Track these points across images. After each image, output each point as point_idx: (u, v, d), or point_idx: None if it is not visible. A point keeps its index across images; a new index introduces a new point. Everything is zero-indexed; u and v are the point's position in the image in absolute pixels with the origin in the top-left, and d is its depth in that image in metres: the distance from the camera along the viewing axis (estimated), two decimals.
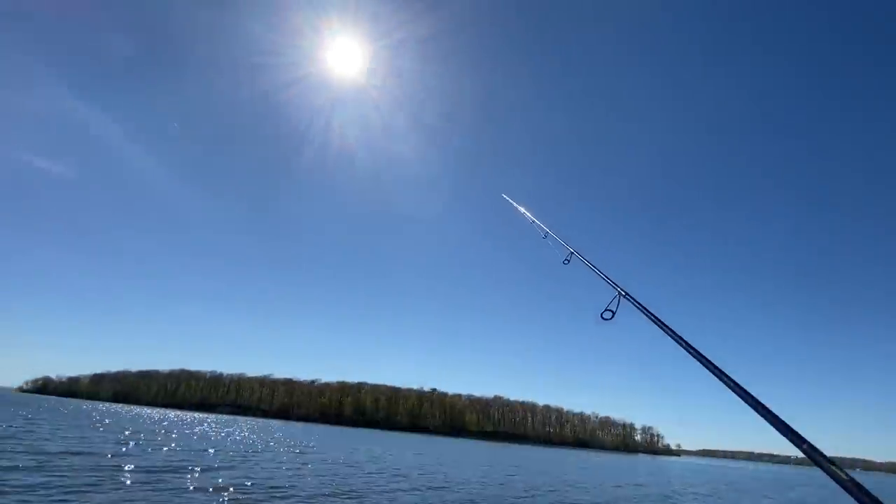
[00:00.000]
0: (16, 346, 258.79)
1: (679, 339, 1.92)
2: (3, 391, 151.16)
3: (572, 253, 3.16)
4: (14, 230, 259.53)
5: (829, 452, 1.13)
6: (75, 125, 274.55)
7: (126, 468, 10.88)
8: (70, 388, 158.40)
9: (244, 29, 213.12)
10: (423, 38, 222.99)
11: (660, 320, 1.96)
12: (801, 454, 1.17)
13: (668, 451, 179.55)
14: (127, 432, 22.74)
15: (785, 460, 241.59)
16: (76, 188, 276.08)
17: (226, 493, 9.17)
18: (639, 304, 2.11)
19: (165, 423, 38.34)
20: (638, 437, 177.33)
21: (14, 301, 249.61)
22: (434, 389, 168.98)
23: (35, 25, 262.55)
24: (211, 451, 17.61)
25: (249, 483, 10.70)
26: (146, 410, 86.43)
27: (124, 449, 15.30)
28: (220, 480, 10.60)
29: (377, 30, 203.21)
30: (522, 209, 4.75)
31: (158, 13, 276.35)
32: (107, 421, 32.02)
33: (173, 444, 18.48)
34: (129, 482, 9.16)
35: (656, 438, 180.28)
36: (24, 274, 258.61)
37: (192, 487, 9.39)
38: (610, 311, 2.20)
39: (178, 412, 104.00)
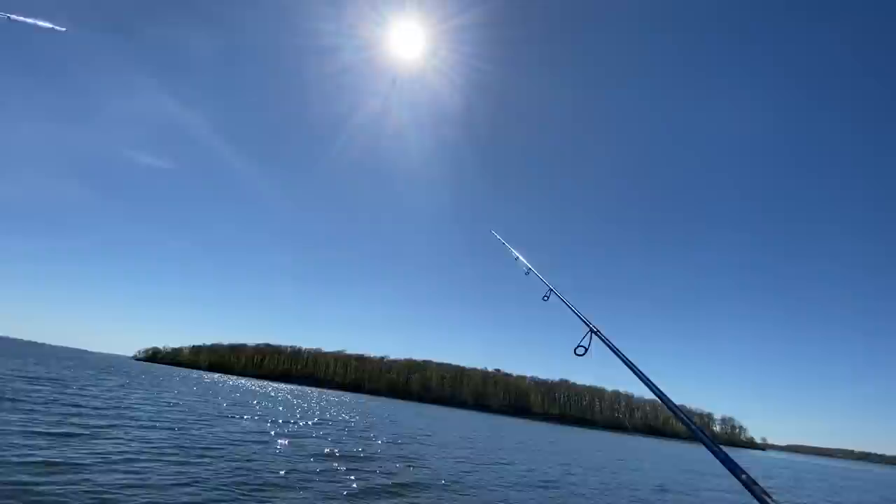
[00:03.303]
0: (129, 319, 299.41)
1: (647, 381, 1.94)
2: (122, 359, 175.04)
3: (551, 290, 3.23)
4: (124, 219, 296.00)
5: None
6: (169, 123, 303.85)
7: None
8: (174, 358, 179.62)
9: (311, 14, 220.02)
10: (485, 24, 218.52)
11: (626, 358, 2.00)
12: None
13: (751, 445, 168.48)
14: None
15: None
16: (173, 178, 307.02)
17: None
18: (608, 341, 2.15)
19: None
20: (717, 428, 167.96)
21: (124, 279, 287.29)
22: (498, 370, 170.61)
23: (131, 32, 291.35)
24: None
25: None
26: (249, 382, 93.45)
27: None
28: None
29: (438, 13, 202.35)
30: (510, 247, 4.78)
31: (235, 9, 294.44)
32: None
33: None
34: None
35: (738, 430, 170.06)
36: (133, 256, 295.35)
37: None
38: (582, 346, 2.26)
39: (267, 382, 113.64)
